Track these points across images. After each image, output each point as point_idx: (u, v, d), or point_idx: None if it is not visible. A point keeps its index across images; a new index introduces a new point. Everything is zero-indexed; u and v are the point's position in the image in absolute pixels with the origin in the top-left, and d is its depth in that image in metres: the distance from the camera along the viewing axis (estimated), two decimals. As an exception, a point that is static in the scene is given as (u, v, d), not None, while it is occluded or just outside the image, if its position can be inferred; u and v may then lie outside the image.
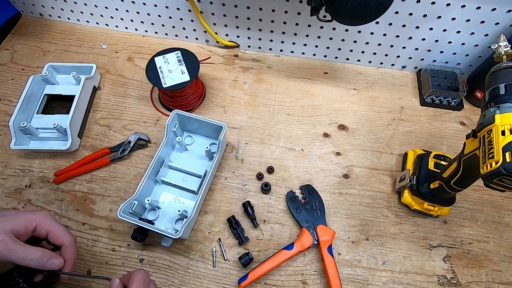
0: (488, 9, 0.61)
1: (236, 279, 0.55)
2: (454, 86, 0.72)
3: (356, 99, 0.76)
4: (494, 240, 0.60)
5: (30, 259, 0.41)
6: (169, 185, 0.62)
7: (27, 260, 0.41)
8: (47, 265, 0.43)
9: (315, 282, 0.56)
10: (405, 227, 0.61)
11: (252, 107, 0.74)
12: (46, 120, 0.67)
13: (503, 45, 0.46)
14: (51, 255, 0.43)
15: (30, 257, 0.41)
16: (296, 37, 0.76)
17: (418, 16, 0.65)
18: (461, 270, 0.58)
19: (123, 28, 0.84)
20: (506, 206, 0.64)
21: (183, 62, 0.67)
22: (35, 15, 0.86)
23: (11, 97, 0.73)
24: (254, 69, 0.79)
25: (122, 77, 0.77)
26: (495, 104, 0.42)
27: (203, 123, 0.62)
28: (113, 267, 0.56)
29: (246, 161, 0.67)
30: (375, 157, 0.68)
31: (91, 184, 0.64)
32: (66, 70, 0.73)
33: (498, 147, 0.38)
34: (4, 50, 0.81)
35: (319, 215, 0.60)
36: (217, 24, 0.77)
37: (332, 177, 0.66)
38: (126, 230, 0.59)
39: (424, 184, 0.58)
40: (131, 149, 0.66)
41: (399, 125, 0.72)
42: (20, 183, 0.64)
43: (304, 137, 0.70)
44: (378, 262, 0.58)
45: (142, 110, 0.73)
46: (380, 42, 0.73)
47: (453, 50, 0.72)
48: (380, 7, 0.50)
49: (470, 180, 0.49)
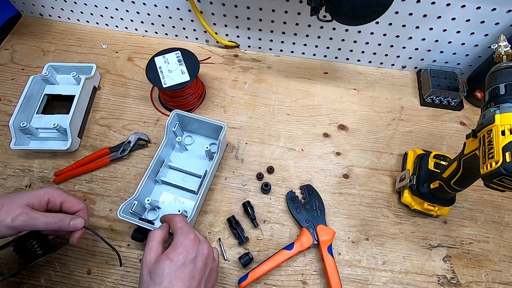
0: (488, 9, 0.61)
1: (236, 279, 0.55)
2: (454, 86, 0.72)
3: (356, 99, 0.76)
4: (494, 240, 0.60)
5: (54, 222, 0.44)
6: (169, 185, 0.62)
7: (51, 224, 0.44)
8: (71, 225, 0.46)
9: (315, 282, 0.56)
10: (405, 227, 0.61)
11: (252, 107, 0.74)
12: (46, 120, 0.67)
13: (503, 45, 0.46)
14: (72, 216, 0.47)
15: (54, 220, 0.44)
16: (296, 37, 0.76)
17: (418, 16, 0.65)
18: (461, 270, 0.58)
19: (123, 28, 0.84)
20: (506, 206, 0.64)
21: (183, 62, 0.67)
22: (35, 15, 0.86)
23: (11, 97, 0.73)
24: (254, 69, 0.79)
25: (122, 77, 0.77)
26: (495, 104, 0.42)
27: (203, 123, 0.62)
28: (113, 267, 0.56)
29: (246, 161, 0.67)
30: (375, 157, 0.68)
31: (91, 184, 0.64)
32: (66, 70, 0.73)
33: (498, 147, 0.38)
34: (4, 50, 0.81)
35: (319, 215, 0.60)
36: (217, 24, 0.77)
37: (332, 177, 0.66)
38: (126, 230, 0.59)
39: (424, 184, 0.58)
40: (131, 149, 0.66)
41: (399, 125, 0.72)
42: (20, 183, 0.63)
43: (304, 137, 0.70)
44: (378, 262, 0.58)
45: (142, 110, 0.73)
46: (380, 42, 0.73)
47: (453, 50, 0.72)
48: (380, 7, 0.50)
49: (470, 180, 0.49)
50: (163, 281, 0.36)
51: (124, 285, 0.55)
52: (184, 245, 0.39)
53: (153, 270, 0.37)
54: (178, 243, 0.39)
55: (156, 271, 0.37)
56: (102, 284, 0.55)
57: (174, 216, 0.44)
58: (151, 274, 0.37)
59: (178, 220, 0.43)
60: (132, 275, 0.56)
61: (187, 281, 0.37)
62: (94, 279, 0.55)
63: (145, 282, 0.37)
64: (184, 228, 0.41)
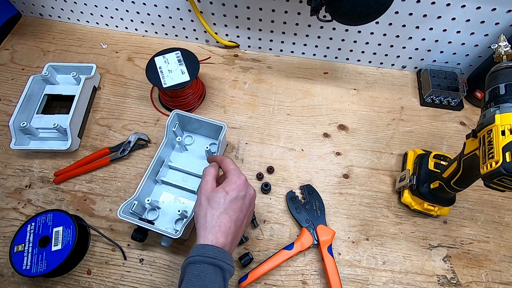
0: (488, 9, 0.61)
1: (236, 279, 0.55)
2: (454, 86, 0.72)
3: (356, 99, 0.76)
4: (494, 240, 0.60)
5: None
6: (169, 185, 0.62)
7: None
8: None
9: (315, 282, 0.56)
10: (405, 227, 0.61)
11: (252, 107, 0.74)
12: (46, 120, 0.67)
13: (503, 45, 0.46)
14: None
15: None
16: (296, 37, 0.76)
17: (418, 16, 0.65)
18: (461, 270, 0.58)
19: (123, 28, 0.84)
20: (506, 206, 0.64)
21: (183, 62, 0.67)
22: (35, 15, 0.86)
23: (11, 97, 0.73)
24: (254, 69, 0.79)
25: (122, 77, 0.77)
26: (495, 104, 0.42)
27: (203, 123, 0.62)
28: (113, 267, 0.56)
29: (246, 161, 0.67)
30: (375, 157, 0.68)
31: (91, 184, 0.64)
32: (66, 70, 0.73)
33: (498, 147, 0.38)
34: (4, 50, 0.81)
35: (319, 215, 0.60)
36: (217, 24, 0.77)
37: (332, 177, 0.66)
38: (126, 230, 0.59)
39: (424, 184, 0.58)
40: (131, 149, 0.66)
41: (399, 125, 0.72)
42: (20, 183, 0.64)
43: (304, 137, 0.70)
44: (378, 262, 0.58)
45: (142, 110, 0.73)
46: (380, 42, 0.73)
47: (453, 50, 0.72)
48: (380, 7, 0.50)
49: (470, 180, 0.49)
50: (220, 207, 0.44)
51: (124, 285, 0.55)
52: (238, 183, 0.46)
53: (211, 198, 0.45)
54: (233, 181, 0.46)
55: (214, 198, 0.45)
56: (102, 284, 0.55)
57: (225, 158, 0.50)
58: (209, 200, 0.45)
59: (230, 162, 0.49)
60: (132, 275, 0.56)
61: (238, 211, 0.45)
62: (94, 279, 0.55)
63: (203, 206, 0.45)
64: (237, 170, 0.48)
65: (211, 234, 0.42)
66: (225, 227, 0.43)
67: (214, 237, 0.42)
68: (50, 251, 0.53)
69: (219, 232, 0.43)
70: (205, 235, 0.42)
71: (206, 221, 0.43)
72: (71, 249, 0.52)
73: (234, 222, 0.44)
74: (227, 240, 0.43)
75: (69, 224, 0.55)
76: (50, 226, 0.55)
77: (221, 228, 0.43)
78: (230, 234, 0.43)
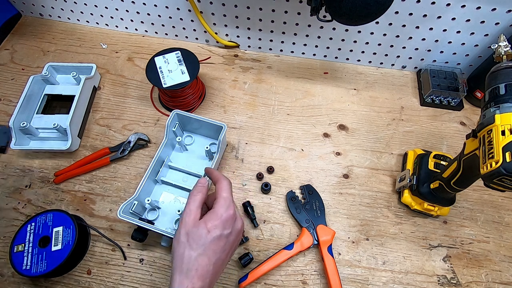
0: (488, 9, 0.61)
1: (236, 279, 0.55)
2: (454, 86, 0.72)
3: (356, 99, 0.76)
4: (494, 240, 0.60)
5: None
6: (169, 185, 0.62)
7: None
8: None
9: (315, 282, 0.56)
10: (405, 227, 0.61)
11: (252, 107, 0.74)
12: (46, 120, 0.67)
13: (503, 45, 0.46)
14: None
15: None
16: (296, 37, 0.76)
17: (418, 16, 0.65)
18: (461, 270, 0.58)
19: (123, 28, 0.84)
20: (506, 206, 0.64)
21: (183, 62, 0.67)
22: (35, 15, 0.86)
23: (11, 97, 0.73)
24: (254, 69, 0.79)
25: (122, 77, 0.77)
26: (495, 104, 0.42)
27: (203, 123, 0.62)
28: (113, 267, 0.56)
29: (246, 161, 0.67)
30: (375, 157, 0.68)
31: (91, 184, 0.64)
32: (66, 70, 0.73)
33: (498, 147, 0.38)
34: (4, 50, 0.81)
35: (319, 215, 0.60)
36: (217, 24, 0.77)
37: (332, 177, 0.66)
38: (126, 230, 0.59)
39: (424, 184, 0.58)
40: (131, 149, 0.66)
41: (399, 125, 0.72)
42: (20, 183, 0.64)
43: (304, 137, 0.70)
44: (378, 262, 0.58)
45: (142, 110, 0.73)
46: (380, 42, 0.73)
47: (453, 50, 0.72)
48: (380, 7, 0.50)
49: (470, 180, 0.49)
50: (199, 248, 0.40)
51: (124, 285, 0.55)
52: (223, 219, 0.42)
53: (190, 234, 0.41)
54: (218, 215, 0.42)
55: (194, 236, 0.41)
56: (102, 284, 0.55)
57: (221, 179, 0.46)
58: (188, 237, 0.41)
59: (225, 187, 0.44)
60: (132, 275, 0.56)
61: (219, 253, 0.41)
62: (94, 279, 0.55)
63: (182, 243, 0.41)
64: (227, 200, 0.43)
65: (187, 279, 0.39)
66: (203, 270, 0.40)
67: (190, 283, 0.39)
68: (50, 251, 0.53)
69: (195, 276, 0.39)
70: (180, 280, 0.39)
71: (183, 262, 0.40)
72: (71, 249, 0.52)
73: (213, 264, 0.41)
74: (204, 283, 0.40)
75: (69, 224, 0.55)
76: (50, 226, 0.55)
77: (198, 271, 0.39)
78: (208, 277, 0.40)
